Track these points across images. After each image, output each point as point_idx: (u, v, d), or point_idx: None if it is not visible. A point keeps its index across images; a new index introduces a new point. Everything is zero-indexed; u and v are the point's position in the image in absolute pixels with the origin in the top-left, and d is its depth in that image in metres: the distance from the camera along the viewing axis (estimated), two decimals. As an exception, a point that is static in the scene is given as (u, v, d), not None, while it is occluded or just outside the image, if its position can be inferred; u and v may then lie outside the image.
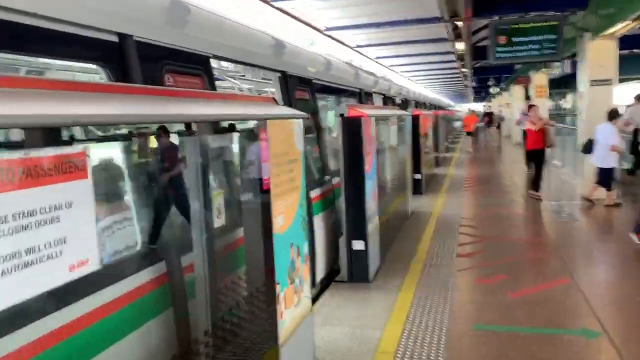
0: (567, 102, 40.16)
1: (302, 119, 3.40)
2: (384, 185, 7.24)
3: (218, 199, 2.54)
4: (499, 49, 10.13)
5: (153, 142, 2.39)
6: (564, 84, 35.59)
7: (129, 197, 2.65)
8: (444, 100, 44.27)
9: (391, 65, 19.64)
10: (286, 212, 3.04)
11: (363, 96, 8.70)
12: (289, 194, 3.11)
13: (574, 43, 10.97)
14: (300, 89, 5.52)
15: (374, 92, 9.81)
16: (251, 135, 3.84)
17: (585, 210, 9.20)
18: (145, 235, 2.52)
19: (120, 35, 2.71)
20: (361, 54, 14.97)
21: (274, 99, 3.36)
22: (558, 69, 14.31)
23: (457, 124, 39.31)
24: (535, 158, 10.07)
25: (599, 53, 9.76)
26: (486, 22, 14.68)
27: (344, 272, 5.53)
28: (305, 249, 3.44)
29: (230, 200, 2.87)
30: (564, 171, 13.52)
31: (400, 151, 8.61)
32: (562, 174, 13.34)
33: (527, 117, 12.48)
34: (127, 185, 2.67)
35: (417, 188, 11.28)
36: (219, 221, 2.56)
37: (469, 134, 23.74)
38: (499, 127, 28.74)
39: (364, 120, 5.31)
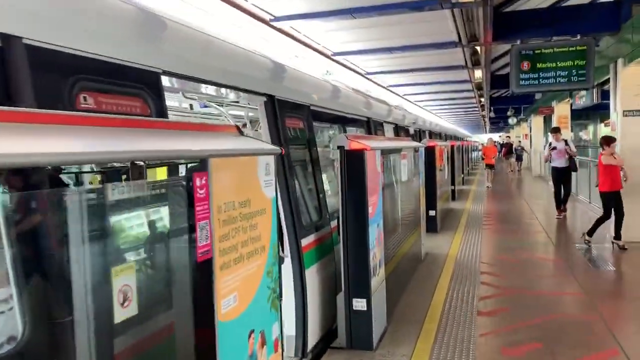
0: (587, 134, 39.08)
1: (275, 155, 2.55)
2: (394, 225, 6.34)
3: (123, 278, 1.69)
4: (522, 75, 9.27)
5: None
6: (585, 115, 34.62)
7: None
8: (460, 130, 43.37)
9: (405, 94, 18.88)
10: (242, 287, 2.17)
11: (372, 126, 7.87)
12: (249, 260, 2.23)
13: (604, 70, 10.10)
14: (292, 116, 4.69)
15: (385, 122, 8.97)
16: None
17: (620, 256, 8.16)
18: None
19: (3, 36, 1.90)
20: (373, 81, 14.24)
21: (237, 127, 2.52)
22: (584, 99, 13.41)
23: (474, 154, 38.39)
24: (617, 201, 8.33)
25: (633, 81, 8.86)
26: (506, 49, 13.93)
27: (342, 336, 4.59)
28: (276, 330, 2.54)
29: (152, 277, 2.00)
30: (592, 208, 12.46)
31: (413, 186, 7.71)
32: (590, 212, 12.29)
33: (556, 151, 11.42)
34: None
35: (432, 225, 10.35)
36: (126, 310, 1.70)
37: (488, 166, 21.06)
38: (519, 158, 27.73)
39: (367, 154, 4.45)
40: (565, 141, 11.69)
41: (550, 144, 11.93)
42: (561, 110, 17.51)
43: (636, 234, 8.76)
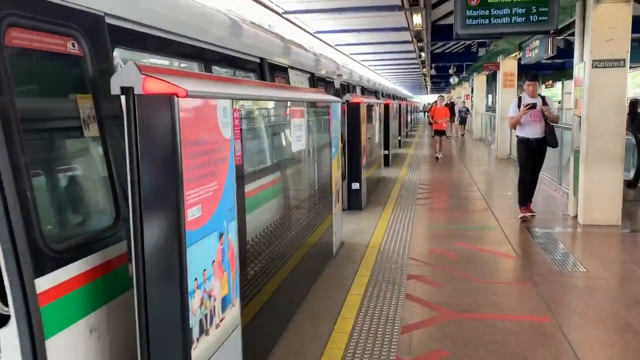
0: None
1: None
2: (282, 216, 4.23)
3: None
4: (469, 12, 7.17)
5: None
6: (524, 76, 33.45)
7: None
8: (401, 90, 41.70)
9: (337, 45, 16.60)
10: None
11: (267, 71, 5.61)
12: None
13: (567, 13, 8.22)
14: (38, 27, 2.38)
15: (292, 68, 6.71)
16: None
17: (587, 245, 6.42)
18: None
19: None
20: (293, 23, 11.85)
21: None
22: (536, 51, 11.59)
23: (413, 115, 36.98)
24: None
25: (606, 23, 6.97)
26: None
27: None
28: None
29: None
30: (546, 181, 10.78)
31: (320, 156, 5.58)
32: (545, 186, 10.58)
33: (532, 111, 7.23)
34: None
35: (356, 201, 8.36)
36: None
37: (438, 133, 15.96)
38: (463, 121, 26.06)
39: (182, 104, 2.23)
40: (543, 98, 7.55)
41: (519, 100, 7.58)
42: (508, 67, 15.77)
43: (598, 215, 7.08)
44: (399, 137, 19.95)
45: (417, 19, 12.24)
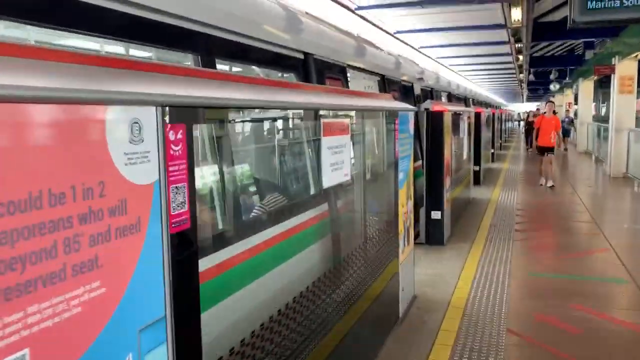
0: None
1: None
2: (318, 283, 2.81)
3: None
4: (592, -8, 5.41)
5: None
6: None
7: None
8: (494, 97, 38.84)
9: (421, 47, 14.94)
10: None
11: (312, 68, 4.19)
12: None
13: None
14: None
15: (351, 67, 5.24)
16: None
17: None
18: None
19: None
20: (369, 22, 10.39)
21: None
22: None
23: (508, 125, 34.28)
24: None
25: None
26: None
27: None
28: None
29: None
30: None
31: (388, 181, 4.08)
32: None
33: None
34: None
35: (436, 235, 6.74)
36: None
37: (544, 150, 11.70)
38: (566, 133, 23.01)
39: None
40: None
41: None
42: (626, 69, 13.34)
43: None
44: (492, 150, 17.84)
45: (516, 14, 10.38)
